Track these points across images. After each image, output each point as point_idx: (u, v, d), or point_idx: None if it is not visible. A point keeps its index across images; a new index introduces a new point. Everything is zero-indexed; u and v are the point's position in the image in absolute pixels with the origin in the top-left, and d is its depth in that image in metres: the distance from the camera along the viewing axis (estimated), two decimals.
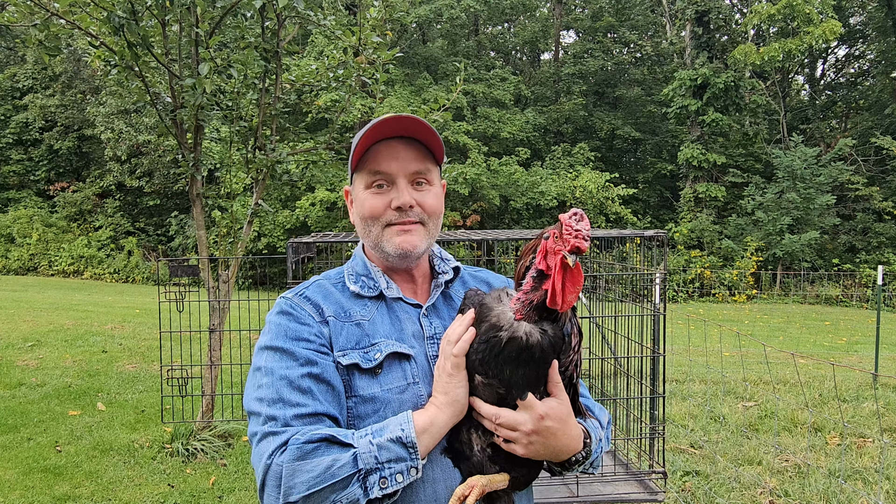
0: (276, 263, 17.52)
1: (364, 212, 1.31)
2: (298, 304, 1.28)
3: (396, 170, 1.29)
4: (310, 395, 1.15)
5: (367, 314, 1.29)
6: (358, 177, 1.33)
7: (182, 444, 4.85)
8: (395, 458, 1.10)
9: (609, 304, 4.07)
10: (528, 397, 1.15)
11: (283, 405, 1.14)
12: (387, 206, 1.30)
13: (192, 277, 5.06)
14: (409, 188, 1.30)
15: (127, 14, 4.32)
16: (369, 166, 1.30)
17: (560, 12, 26.43)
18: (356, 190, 1.35)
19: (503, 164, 20.16)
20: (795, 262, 18.49)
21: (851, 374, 7.29)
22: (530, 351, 1.12)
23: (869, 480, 4.41)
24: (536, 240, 1.16)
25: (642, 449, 3.41)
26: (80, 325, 9.43)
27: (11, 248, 22.49)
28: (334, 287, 1.34)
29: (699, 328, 10.34)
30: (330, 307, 1.28)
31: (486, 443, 1.19)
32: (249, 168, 5.18)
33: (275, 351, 1.21)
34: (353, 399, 1.21)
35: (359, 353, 1.23)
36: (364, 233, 1.34)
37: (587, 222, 1.08)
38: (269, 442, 1.11)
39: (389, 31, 5.37)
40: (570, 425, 1.20)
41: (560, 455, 1.21)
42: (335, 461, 1.07)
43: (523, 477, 1.24)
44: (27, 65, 23.30)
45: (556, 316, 1.14)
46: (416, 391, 1.23)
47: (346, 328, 1.25)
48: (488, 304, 1.18)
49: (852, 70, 26.53)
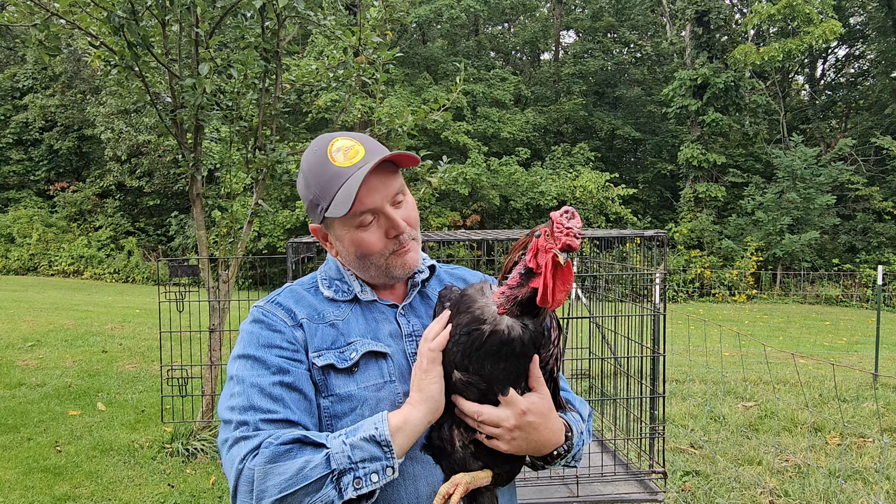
0: (276, 263, 17.53)
1: (362, 251, 1.28)
2: (270, 310, 1.26)
3: (380, 201, 1.25)
4: (281, 402, 1.15)
5: (342, 314, 1.28)
6: (337, 220, 1.27)
7: (182, 444, 4.86)
8: (368, 457, 1.09)
9: (609, 304, 4.07)
10: (510, 393, 1.15)
11: (253, 412, 1.13)
12: (382, 238, 1.27)
13: (192, 277, 5.06)
14: (395, 211, 1.28)
15: (127, 14, 4.32)
16: (352, 208, 1.22)
17: (560, 12, 26.43)
18: (338, 231, 1.30)
19: (503, 164, 20.16)
20: (795, 262, 18.49)
21: (851, 374, 7.29)
22: (511, 345, 1.12)
23: (869, 480, 4.41)
24: (527, 237, 1.16)
25: (642, 449, 3.41)
26: (80, 325, 9.43)
27: (11, 248, 22.49)
28: (307, 291, 1.33)
29: (699, 328, 10.34)
30: (303, 310, 1.27)
31: (469, 439, 1.19)
32: (249, 168, 5.18)
33: (247, 359, 1.20)
34: (330, 398, 1.20)
35: (334, 354, 1.22)
36: (363, 266, 1.30)
37: (579, 220, 1.07)
38: (240, 447, 1.10)
39: (389, 31, 5.37)
40: (552, 419, 1.21)
41: (542, 449, 1.22)
42: (307, 462, 1.06)
43: (506, 473, 1.24)
44: (27, 65, 23.29)
45: (538, 312, 1.14)
46: (392, 389, 1.22)
47: (321, 329, 1.25)
48: (471, 295, 1.17)
49: (852, 70, 26.53)
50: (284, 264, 4.66)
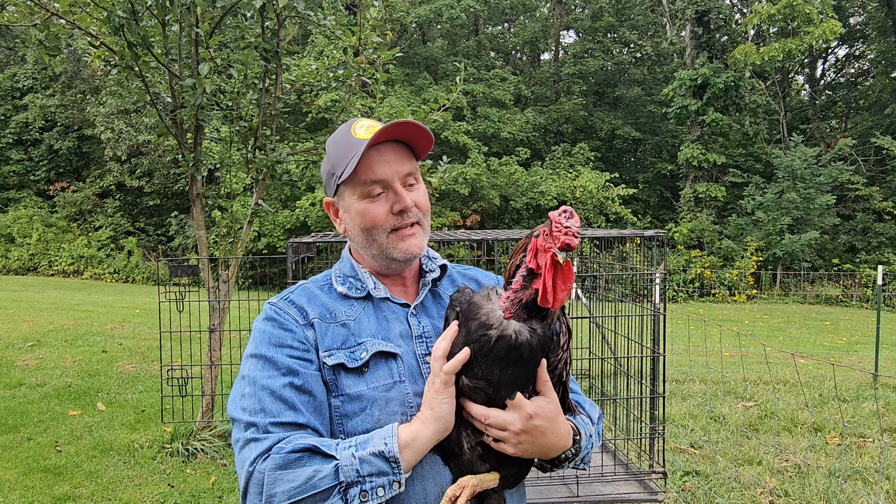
0: (276, 263, 17.52)
1: (366, 222, 1.29)
2: (283, 308, 1.27)
3: (391, 174, 1.27)
4: (290, 405, 1.16)
5: (353, 314, 1.29)
6: (348, 188, 1.31)
7: (182, 444, 4.86)
8: (376, 472, 1.10)
9: (609, 304, 4.07)
10: (517, 397, 1.15)
11: (263, 414, 1.15)
12: (388, 212, 1.29)
13: (192, 277, 5.06)
14: (405, 190, 1.30)
15: (127, 14, 4.32)
16: (362, 176, 1.27)
17: (560, 12, 26.43)
18: (346, 201, 1.32)
19: (503, 164, 20.16)
20: (795, 262, 18.49)
21: (851, 374, 7.29)
22: (519, 350, 1.12)
23: (869, 480, 4.41)
24: (527, 239, 1.16)
25: (642, 449, 3.41)
26: (80, 325, 9.43)
27: (11, 248, 22.49)
28: (320, 289, 1.34)
29: (699, 328, 10.34)
30: (314, 309, 1.28)
31: (476, 442, 1.19)
32: (249, 168, 5.18)
33: (258, 359, 1.21)
34: (340, 398, 1.21)
35: (344, 353, 1.23)
36: (366, 243, 1.32)
37: (577, 219, 1.08)
38: (251, 448, 1.12)
39: (389, 31, 5.37)
40: (559, 423, 1.21)
41: (550, 453, 1.22)
42: (316, 472, 1.08)
43: (513, 476, 1.24)
44: (27, 65, 23.30)
45: (545, 314, 1.14)
46: (402, 389, 1.23)
47: (332, 329, 1.26)
48: (477, 302, 1.18)
49: (852, 70, 26.53)
50: (284, 264, 4.66)
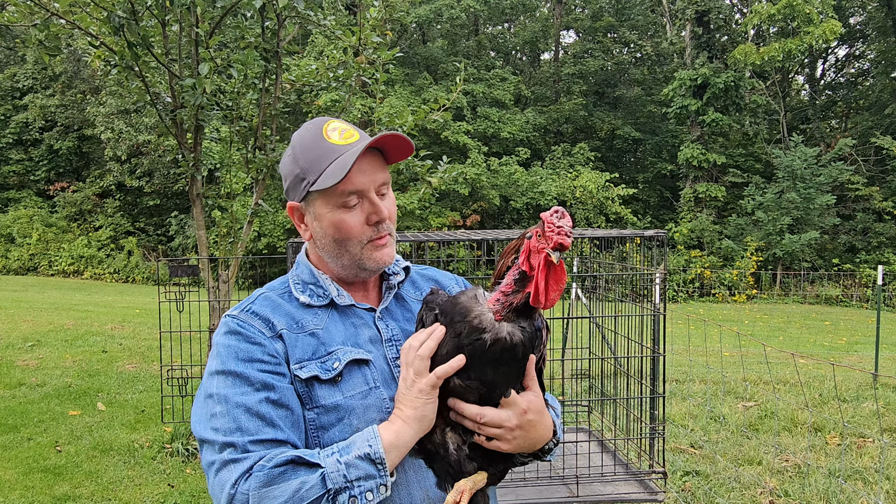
0: (276, 263, 17.52)
1: (340, 234, 1.24)
2: (247, 321, 1.21)
3: (368, 184, 1.23)
4: (269, 421, 1.11)
5: (320, 323, 1.25)
6: (321, 196, 1.24)
7: (182, 444, 4.86)
8: (364, 475, 1.08)
9: (609, 304, 4.07)
10: (511, 394, 1.17)
11: (241, 433, 1.09)
12: (363, 223, 1.24)
13: (192, 277, 5.06)
14: (379, 199, 1.26)
15: (127, 14, 4.32)
16: (339, 186, 1.20)
17: (560, 12, 26.43)
18: (318, 209, 1.25)
19: (503, 164, 20.17)
20: (795, 262, 18.49)
21: (851, 374, 7.29)
22: (513, 350, 1.13)
23: (869, 480, 4.41)
24: (518, 240, 1.15)
25: (642, 449, 3.41)
26: (80, 325, 9.43)
27: (11, 248, 22.50)
28: (281, 298, 1.28)
29: (699, 328, 10.34)
30: (281, 320, 1.22)
31: (464, 441, 1.20)
32: (249, 168, 5.18)
33: (227, 375, 1.15)
34: (316, 410, 1.17)
35: (317, 364, 1.19)
36: (337, 253, 1.26)
37: (569, 219, 1.07)
38: (230, 470, 1.07)
39: (389, 31, 5.37)
40: (546, 416, 1.23)
41: (537, 445, 1.23)
42: (303, 484, 1.05)
43: (500, 472, 1.25)
44: (27, 65, 23.30)
45: (530, 312, 1.14)
46: (378, 395, 1.21)
47: (301, 339, 1.21)
48: (465, 304, 1.16)
49: (852, 70, 26.52)
50: (284, 264, 4.66)
